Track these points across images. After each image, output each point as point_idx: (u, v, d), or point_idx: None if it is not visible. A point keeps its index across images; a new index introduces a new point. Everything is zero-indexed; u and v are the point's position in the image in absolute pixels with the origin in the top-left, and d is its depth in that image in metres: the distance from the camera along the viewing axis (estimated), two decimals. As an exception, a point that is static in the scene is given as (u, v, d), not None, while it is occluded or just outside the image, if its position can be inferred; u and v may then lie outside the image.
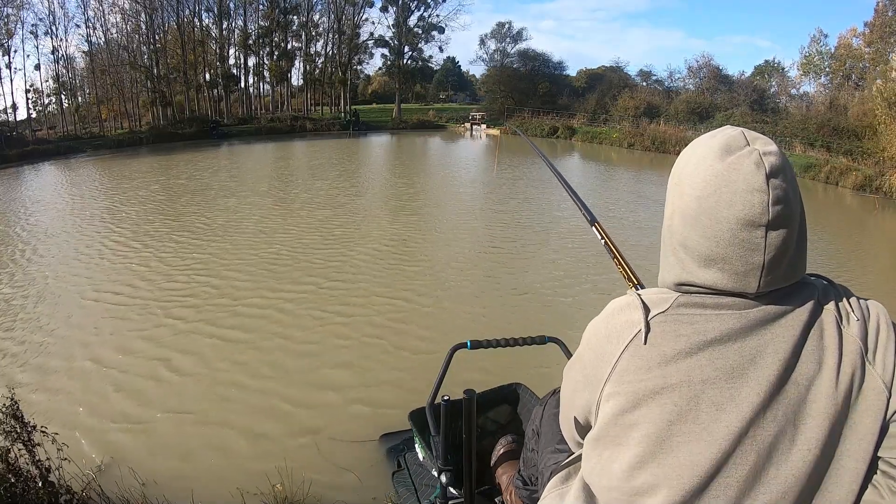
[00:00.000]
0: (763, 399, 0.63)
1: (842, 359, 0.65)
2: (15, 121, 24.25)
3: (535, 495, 1.29)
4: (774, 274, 0.65)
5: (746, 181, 0.63)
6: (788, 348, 0.65)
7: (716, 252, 0.66)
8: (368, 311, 5.19)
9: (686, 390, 0.64)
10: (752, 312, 0.66)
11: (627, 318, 0.70)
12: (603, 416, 0.70)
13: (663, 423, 0.65)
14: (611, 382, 0.69)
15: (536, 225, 9.09)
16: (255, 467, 2.92)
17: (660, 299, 0.70)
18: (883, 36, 22.27)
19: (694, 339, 0.66)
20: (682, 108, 27.55)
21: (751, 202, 0.63)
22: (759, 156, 0.64)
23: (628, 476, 0.66)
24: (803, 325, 0.66)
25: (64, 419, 3.34)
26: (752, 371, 0.64)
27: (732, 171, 0.64)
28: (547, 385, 1.56)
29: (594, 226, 1.52)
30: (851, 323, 0.67)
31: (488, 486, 1.88)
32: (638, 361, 0.67)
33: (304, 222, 8.91)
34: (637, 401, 0.66)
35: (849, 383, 0.64)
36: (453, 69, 49.70)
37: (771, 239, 0.63)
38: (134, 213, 9.65)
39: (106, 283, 6.01)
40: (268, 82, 33.77)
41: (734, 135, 0.66)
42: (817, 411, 0.63)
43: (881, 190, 14.72)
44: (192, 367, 4.10)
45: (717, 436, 0.63)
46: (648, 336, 0.67)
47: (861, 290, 0.74)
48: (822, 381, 0.64)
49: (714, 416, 0.63)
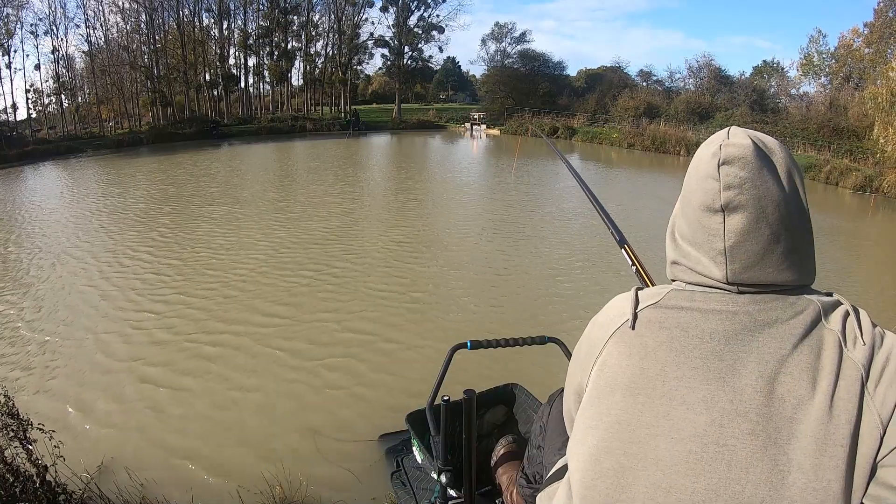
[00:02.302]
0: (736, 407, 0.61)
1: (837, 383, 0.61)
2: (15, 121, 24.22)
3: (539, 491, 1.28)
4: (743, 264, 0.66)
5: (705, 169, 0.68)
6: (773, 360, 0.62)
7: (691, 236, 0.71)
8: (366, 311, 5.20)
9: (660, 384, 0.65)
10: (740, 317, 0.65)
11: (619, 309, 0.73)
12: (585, 398, 0.72)
13: (634, 413, 0.65)
14: (596, 366, 0.71)
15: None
16: (254, 467, 2.92)
17: (654, 293, 0.72)
18: (883, 37, 22.28)
19: (676, 334, 0.67)
20: (682, 108, 27.54)
21: (704, 188, 0.68)
22: (719, 147, 0.68)
23: (596, 459, 0.67)
24: (796, 339, 0.63)
25: (64, 419, 3.34)
26: (730, 377, 0.62)
27: (699, 160, 0.70)
28: (546, 385, 1.56)
29: (623, 248, 1.44)
30: (857, 347, 0.63)
31: (487, 486, 1.88)
32: (622, 348, 0.69)
33: (305, 217, 8.92)
34: (614, 387, 0.68)
35: (847, 411, 0.60)
36: (453, 69, 49.71)
37: (730, 225, 0.66)
38: (134, 214, 9.65)
39: (107, 284, 6.00)
40: (268, 82, 33.77)
41: (722, 132, 0.71)
42: (804, 433, 0.60)
43: (881, 190, 14.74)
44: (192, 368, 4.10)
45: (684, 435, 0.62)
46: (636, 324, 0.69)
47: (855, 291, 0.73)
48: (814, 404, 0.60)
49: (683, 414, 0.63)
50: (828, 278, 6.46)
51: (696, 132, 23.13)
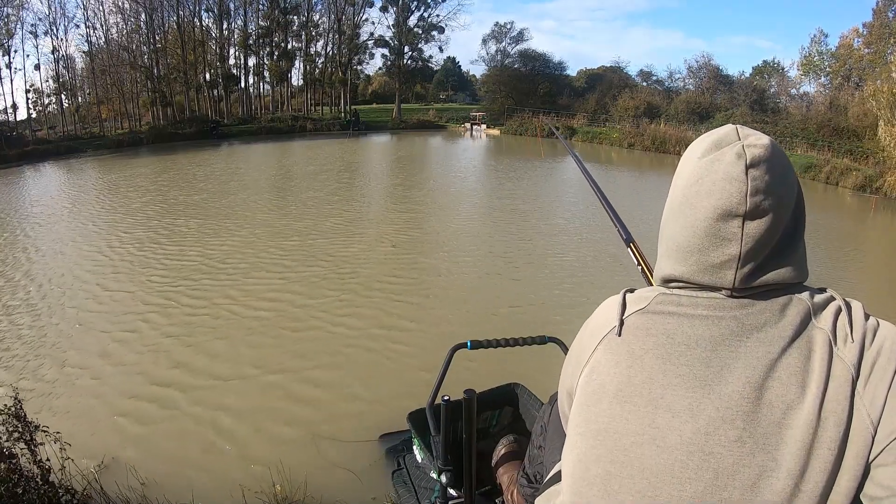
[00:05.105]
0: (723, 415, 0.60)
1: (828, 385, 0.59)
2: (15, 121, 24.22)
3: (539, 493, 1.29)
4: (752, 268, 0.64)
5: (726, 171, 0.63)
6: (761, 366, 0.61)
7: (692, 243, 0.66)
8: (367, 311, 5.21)
9: (646, 392, 0.64)
10: (727, 322, 0.64)
11: (607, 314, 0.73)
12: (574, 404, 0.72)
13: (621, 421, 0.65)
14: (585, 372, 0.71)
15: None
16: (254, 467, 2.92)
17: (641, 297, 0.71)
18: (882, 37, 22.26)
19: (662, 340, 0.66)
20: (682, 108, 27.55)
21: (728, 191, 0.63)
22: (742, 147, 0.64)
23: (585, 466, 0.67)
24: (784, 342, 0.62)
25: (64, 419, 3.34)
26: (717, 384, 0.62)
27: (715, 161, 0.65)
28: (547, 385, 1.56)
29: (630, 246, 1.41)
30: (847, 345, 0.61)
31: (488, 486, 1.89)
32: (609, 356, 0.69)
33: (308, 214, 8.93)
34: (601, 395, 0.67)
35: (836, 414, 0.58)
36: (453, 69, 49.71)
37: (749, 230, 0.63)
38: (131, 215, 9.65)
39: (108, 285, 6.01)
40: (268, 82, 33.76)
41: (728, 130, 0.67)
42: (793, 438, 0.58)
43: (881, 191, 14.74)
44: (192, 368, 4.10)
45: (669, 443, 0.62)
46: (622, 331, 0.69)
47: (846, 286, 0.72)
48: (804, 408, 0.59)
49: (669, 422, 0.62)
50: (828, 279, 6.46)
51: (696, 132, 23.10)
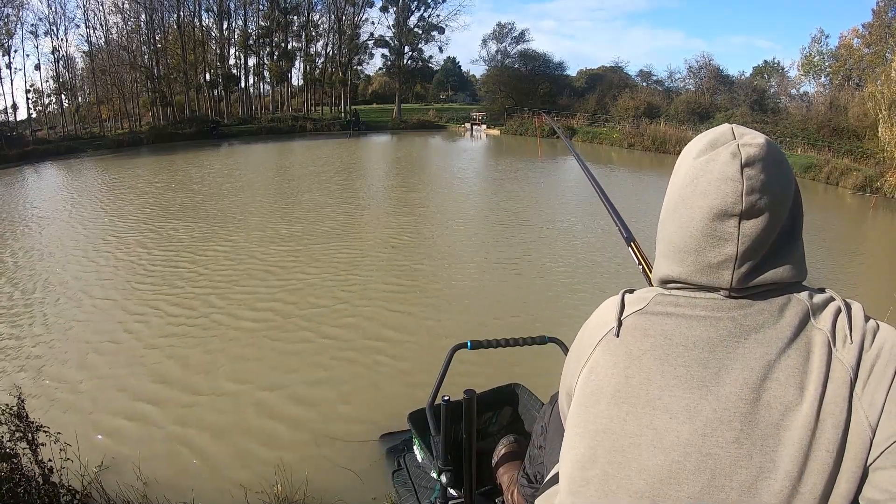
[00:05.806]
0: (720, 416, 0.60)
1: (826, 386, 0.59)
2: (15, 121, 24.22)
3: (539, 493, 1.29)
4: (749, 268, 0.64)
5: (721, 171, 0.63)
6: (759, 367, 0.61)
7: (689, 243, 0.66)
8: (366, 310, 5.21)
9: (644, 393, 0.64)
10: (725, 323, 0.64)
11: (606, 315, 0.73)
12: (573, 404, 0.72)
13: (618, 422, 0.65)
14: (583, 373, 0.71)
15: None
16: (254, 467, 2.93)
17: (639, 298, 0.71)
18: (882, 37, 22.25)
19: (660, 341, 0.66)
20: (682, 108, 27.54)
21: (724, 191, 0.63)
22: (737, 146, 0.64)
23: (582, 466, 0.67)
24: (783, 343, 0.62)
25: (65, 419, 3.34)
26: (714, 386, 0.62)
27: (711, 161, 0.65)
28: (547, 385, 1.57)
29: (630, 245, 1.41)
30: (846, 347, 0.61)
31: (488, 486, 1.89)
32: (607, 357, 0.69)
33: (309, 215, 8.93)
34: (599, 396, 0.67)
35: (834, 416, 0.58)
36: (454, 69, 49.70)
37: (745, 229, 0.63)
38: (133, 215, 9.66)
39: (109, 285, 6.02)
40: (268, 82, 33.75)
41: (724, 130, 0.67)
42: (791, 440, 0.58)
43: (881, 191, 14.74)
44: (191, 368, 4.11)
45: (666, 444, 0.62)
46: (621, 332, 0.69)
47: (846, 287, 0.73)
48: (802, 409, 0.59)
49: (666, 424, 0.62)
50: (828, 279, 6.47)
51: (696, 132, 22.77)
